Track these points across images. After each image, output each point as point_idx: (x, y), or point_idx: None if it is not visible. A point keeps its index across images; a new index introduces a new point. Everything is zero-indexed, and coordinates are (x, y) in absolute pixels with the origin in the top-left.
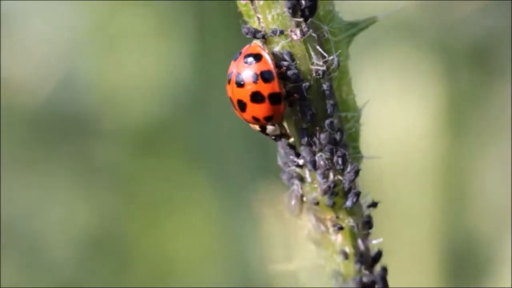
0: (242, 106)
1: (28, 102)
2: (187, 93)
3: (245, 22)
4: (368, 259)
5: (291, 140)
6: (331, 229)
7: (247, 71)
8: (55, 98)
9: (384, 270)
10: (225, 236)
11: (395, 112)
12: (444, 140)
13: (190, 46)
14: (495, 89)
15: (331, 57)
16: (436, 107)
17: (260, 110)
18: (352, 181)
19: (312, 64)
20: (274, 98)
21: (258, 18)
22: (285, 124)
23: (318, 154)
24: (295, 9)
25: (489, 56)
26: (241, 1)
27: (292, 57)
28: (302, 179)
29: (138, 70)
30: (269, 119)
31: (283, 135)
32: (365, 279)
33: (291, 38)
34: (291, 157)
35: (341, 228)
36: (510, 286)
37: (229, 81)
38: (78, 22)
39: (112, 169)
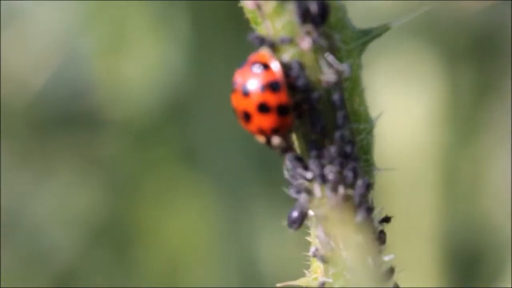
0: (247, 117)
1: (25, 93)
2: (185, 87)
3: (252, 29)
4: (380, 277)
5: (298, 152)
6: (340, 246)
7: (253, 81)
8: (52, 89)
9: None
10: (225, 233)
11: (400, 110)
12: (450, 139)
13: (186, 40)
14: (502, 87)
15: (343, 67)
16: (441, 105)
17: (267, 121)
18: (363, 195)
19: (323, 74)
20: (282, 110)
21: (266, 26)
22: (292, 136)
23: (328, 167)
24: (305, 17)
25: (495, 53)
26: (249, 8)
27: (301, 66)
28: (310, 193)
29: (137, 64)
30: (276, 131)
31: (289, 148)
32: None
33: (301, 47)
34: (299, 170)
35: (351, 245)
36: None
37: (234, 91)
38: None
39: (112, 160)
